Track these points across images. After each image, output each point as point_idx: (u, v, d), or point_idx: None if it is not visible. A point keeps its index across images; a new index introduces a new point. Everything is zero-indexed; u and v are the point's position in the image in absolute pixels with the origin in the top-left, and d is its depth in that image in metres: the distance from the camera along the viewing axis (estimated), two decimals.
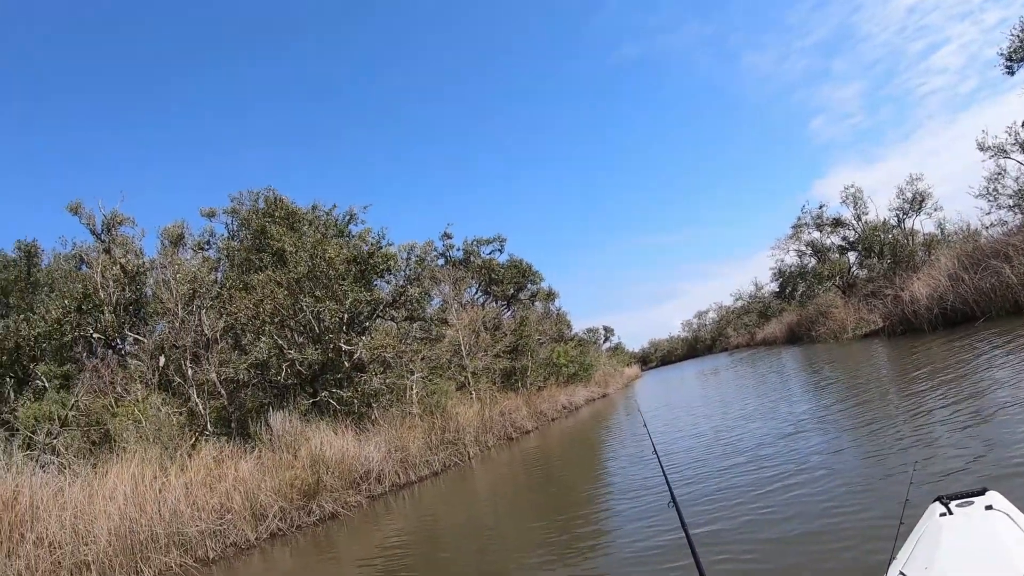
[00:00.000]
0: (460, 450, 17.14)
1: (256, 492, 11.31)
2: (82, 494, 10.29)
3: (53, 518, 9.63)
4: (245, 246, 20.43)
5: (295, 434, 13.51)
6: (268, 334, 16.31)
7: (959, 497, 3.07)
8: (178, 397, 16.82)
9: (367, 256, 17.87)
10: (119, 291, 20.14)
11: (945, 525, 2.82)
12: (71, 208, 25.00)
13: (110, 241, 23.78)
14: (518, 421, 22.56)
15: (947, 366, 12.54)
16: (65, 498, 10.16)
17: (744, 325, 72.55)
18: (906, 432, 7.98)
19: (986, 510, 2.87)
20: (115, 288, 19.91)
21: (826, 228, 39.74)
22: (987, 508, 2.88)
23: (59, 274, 23.90)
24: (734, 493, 7.50)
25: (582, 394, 33.87)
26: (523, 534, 8.70)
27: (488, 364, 26.52)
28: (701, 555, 2.52)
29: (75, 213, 25.08)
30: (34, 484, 10.23)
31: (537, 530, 8.60)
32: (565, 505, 9.88)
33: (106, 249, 22.82)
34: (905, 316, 22.29)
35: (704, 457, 10.35)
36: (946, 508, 2.98)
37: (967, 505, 2.98)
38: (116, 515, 9.79)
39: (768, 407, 14.67)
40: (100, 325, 19.36)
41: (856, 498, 6.00)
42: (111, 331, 19.52)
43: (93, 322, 18.92)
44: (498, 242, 37.99)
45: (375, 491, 13.65)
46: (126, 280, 20.64)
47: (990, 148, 24.07)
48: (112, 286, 19.84)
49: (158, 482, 10.84)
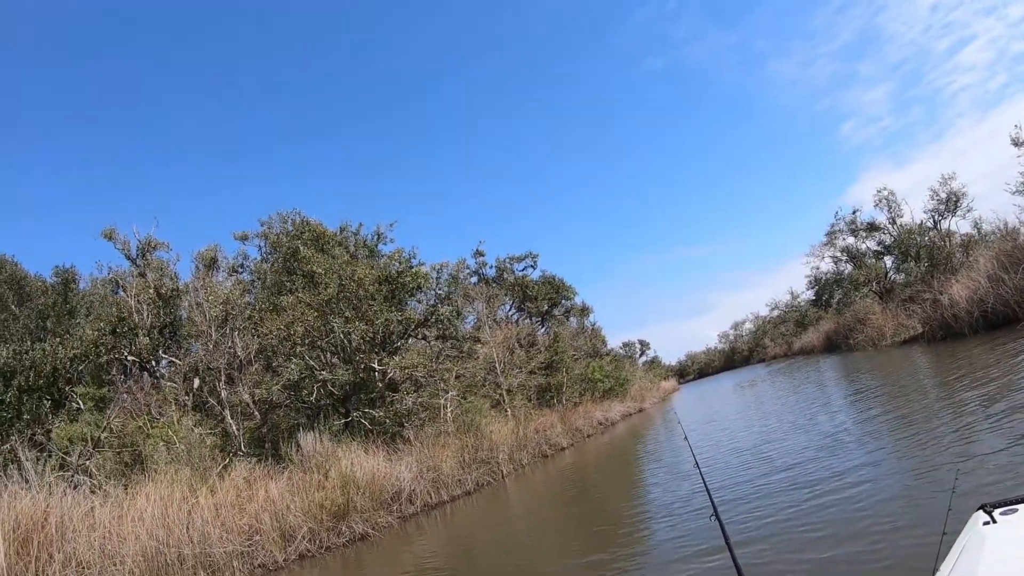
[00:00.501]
0: (493, 468, 16.88)
1: (285, 513, 11.17)
2: (111, 515, 10.27)
3: (82, 539, 9.61)
4: (275, 268, 20.55)
5: (326, 454, 13.39)
6: (299, 355, 16.29)
7: (1003, 504, 2.87)
8: (212, 418, 16.88)
9: (396, 276, 17.81)
10: (153, 314, 20.38)
11: (989, 534, 2.63)
12: (105, 234, 25.42)
13: (145, 266, 24.13)
14: (553, 438, 22.22)
15: (989, 371, 12.15)
16: (95, 519, 10.15)
17: (781, 335, 71.45)
18: (948, 441, 7.82)
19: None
20: (149, 311, 20.15)
21: (861, 233, 39.07)
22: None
23: (95, 298, 24.34)
24: (774, 508, 7.35)
25: (618, 409, 33.39)
26: (560, 552, 8.50)
27: (523, 381, 26.27)
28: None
29: (109, 239, 25.50)
30: (64, 504, 10.24)
31: (575, 548, 8.41)
32: (602, 522, 9.67)
33: (141, 273, 23.15)
34: (945, 320, 21.69)
35: (744, 472, 10.12)
36: (990, 516, 2.78)
37: (1011, 512, 2.78)
38: (144, 536, 9.73)
39: (807, 419, 14.35)
40: (135, 348, 19.57)
41: (898, 510, 5.87)
42: (146, 353, 19.72)
43: (128, 345, 19.13)
44: (531, 258, 38.00)
45: (407, 511, 13.47)
46: (160, 303, 20.89)
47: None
48: (146, 309, 20.10)
49: (188, 503, 10.77)
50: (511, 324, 32.12)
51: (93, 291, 25.58)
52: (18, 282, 23.57)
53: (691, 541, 6.98)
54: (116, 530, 9.97)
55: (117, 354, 18.84)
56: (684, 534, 7.41)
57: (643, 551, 7.38)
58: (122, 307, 19.41)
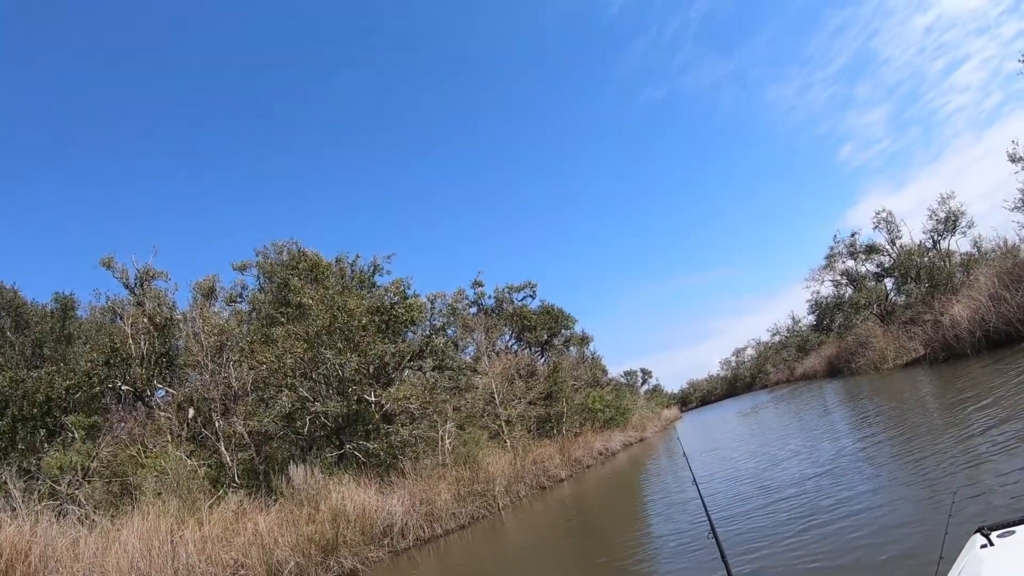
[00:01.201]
0: (489, 501, 16.59)
1: (272, 547, 10.91)
2: (97, 546, 10.08)
3: (66, 569, 9.42)
4: (269, 299, 20.51)
5: (317, 487, 13.17)
6: (290, 387, 16.14)
7: (1000, 527, 2.85)
8: (207, 449, 16.71)
9: (390, 307, 17.71)
10: (149, 344, 20.31)
11: (986, 557, 2.62)
12: (104, 263, 25.45)
13: (142, 295, 24.12)
14: (551, 469, 21.90)
15: (989, 392, 11.93)
16: (80, 549, 9.97)
17: (783, 360, 70.94)
18: (945, 464, 7.80)
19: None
20: (145, 341, 20.09)
21: (860, 256, 38.91)
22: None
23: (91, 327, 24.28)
24: (774, 536, 7.28)
25: (618, 439, 33.08)
26: None
27: (522, 412, 26.04)
28: None
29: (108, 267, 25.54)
30: (50, 534, 10.08)
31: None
32: (602, 554, 9.46)
33: (138, 302, 23.12)
34: (947, 341, 21.32)
35: (744, 500, 10.03)
36: (987, 539, 2.76)
37: (1009, 535, 2.76)
38: (127, 569, 9.52)
39: (809, 445, 14.22)
40: (129, 377, 19.47)
41: (895, 534, 5.83)
42: (140, 383, 19.61)
43: (122, 374, 19.03)
44: (529, 288, 37.96)
45: (399, 545, 13.19)
46: (156, 333, 20.83)
47: (1023, 159, 23.30)
48: (143, 339, 20.04)
49: (175, 535, 10.57)
50: (510, 354, 31.96)
51: (92, 319, 25.56)
52: (16, 309, 23.53)
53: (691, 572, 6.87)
54: (100, 562, 9.79)
55: (111, 384, 18.73)
56: (685, 566, 7.31)
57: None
58: (116, 337, 19.33)
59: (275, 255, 23.23)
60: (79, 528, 10.62)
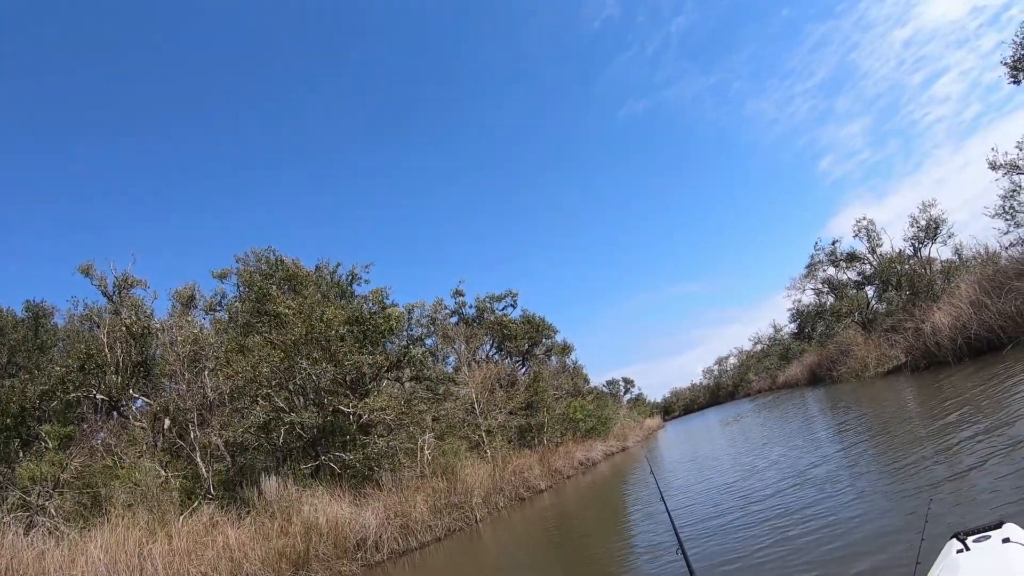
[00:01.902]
0: (467, 513, 16.40)
1: (242, 561, 10.70)
2: (63, 559, 9.87)
3: None
4: (247, 308, 20.32)
5: (290, 499, 12.95)
6: (265, 397, 15.93)
7: (976, 532, 2.98)
8: (182, 460, 16.47)
9: (368, 317, 17.57)
10: (125, 352, 20.05)
11: (962, 562, 2.73)
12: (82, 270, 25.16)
13: (120, 303, 23.85)
14: (531, 480, 21.73)
15: (970, 400, 11.87)
16: (46, 562, 9.76)
17: (765, 368, 71.10)
18: (922, 470, 7.80)
19: (1003, 543, 2.78)
20: (122, 349, 19.83)
21: (841, 264, 39.11)
22: (1004, 541, 2.79)
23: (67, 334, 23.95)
24: (751, 546, 7.29)
25: (600, 449, 32.85)
26: None
27: (503, 422, 25.91)
28: None
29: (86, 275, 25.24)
30: (17, 546, 9.86)
31: None
32: (581, 564, 9.45)
33: (116, 311, 22.85)
34: (928, 349, 21.15)
35: (723, 511, 9.97)
36: (963, 544, 2.90)
37: (984, 540, 2.89)
38: None
39: (788, 453, 14.24)
40: (104, 386, 19.19)
41: (871, 540, 5.88)
42: (115, 392, 19.34)
43: (97, 383, 18.75)
44: (511, 297, 37.85)
45: (373, 559, 12.96)
46: (132, 342, 20.58)
47: (1002, 166, 23.37)
48: (119, 347, 19.78)
49: (145, 548, 10.36)
50: (491, 364, 31.84)
51: (71, 327, 25.23)
52: None
53: None
54: (68, 574, 9.58)
55: (86, 392, 18.44)
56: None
57: None
58: (90, 344, 19.05)
59: (255, 263, 23.02)
60: (47, 541, 10.41)
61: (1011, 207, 23.28)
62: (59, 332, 24.48)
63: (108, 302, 24.44)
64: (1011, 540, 2.79)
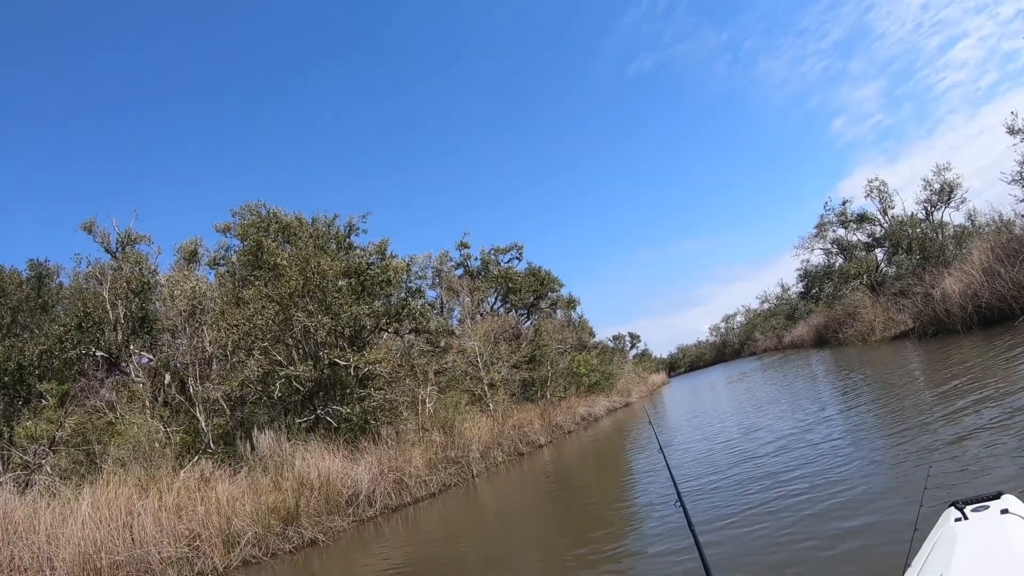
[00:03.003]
0: (463, 468, 16.32)
1: (232, 516, 10.67)
2: (56, 517, 9.91)
3: (22, 541, 9.25)
4: (241, 262, 20.16)
5: (283, 454, 12.93)
6: (261, 350, 15.84)
7: (974, 502, 2.97)
8: (183, 414, 16.53)
9: (366, 268, 17.34)
10: (126, 308, 20.02)
11: (960, 531, 2.72)
12: (85, 227, 25.12)
13: (123, 259, 23.79)
14: (530, 435, 21.62)
15: (977, 370, 11.60)
16: (40, 520, 9.80)
17: (772, 328, 70.94)
18: (923, 438, 7.78)
19: (1002, 514, 2.76)
20: (123, 305, 19.80)
21: (851, 224, 38.42)
22: (1003, 512, 2.78)
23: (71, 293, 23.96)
24: (750, 503, 7.37)
25: (603, 404, 32.84)
26: (532, 553, 8.26)
27: (506, 375, 25.89)
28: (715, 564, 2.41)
29: (89, 232, 25.17)
30: (11, 504, 9.91)
31: (547, 550, 8.20)
32: (580, 521, 9.38)
33: (118, 267, 22.81)
34: (937, 316, 20.76)
35: (722, 468, 10.01)
36: (961, 513, 2.88)
37: (982, 509, 2.88)
38: (84, 540, 9.35)
39: (793, 414, 14.12)
40: (104, 343, 19.20)
41: (870, 506, 5.88)
42: (115, 349, 19.34)
43: (95, 340, 18.74)
44: (516, 250, 37.56)
45: (367, 514, 12.90)
46: (132, 297, 20.53)
47: (1021, 131, 22.72)
48: (120, 304, 19.74)
49: (138, 505, 10.38)
50: (495, 316, 31.74)
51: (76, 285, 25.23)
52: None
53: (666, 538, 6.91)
54: (59, 532, 9.62)
55: (84, 349, 18.44)
56: (657, 532, 7.37)
57: (619, 551, 7.18)
58: (88, 302, 19.00)
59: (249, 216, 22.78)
60: (40, 499, 10.46)
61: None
62: (64, 291, 24.46)
63: (112, 259, 24.39)
64: (1009, 511, 2.77)
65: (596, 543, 7.58)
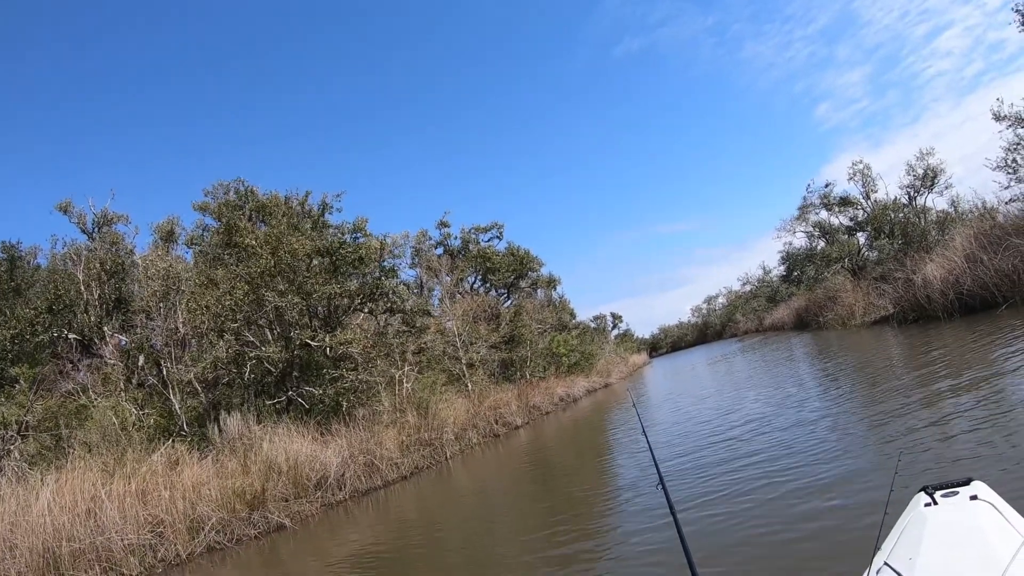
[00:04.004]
0: (437, 450, 16.23)
1: (196, 501, 10.57)
2: (21, 503, 9.81)
3: None
4: (214, 242, 19.91)
5: (252, 437, 12.83)
6: (231, 331, 15.68)
7: (944, 487, 3.04)
8: (157, 397, 16.40)
9: (338, 247, 17.15)
10: (100, 290, 19.80)
11: (930, 515, 2.80)
12: (60, 207, 24.71)
13: (100, 239, 23.47)
14: (507, 416, 21.53)
15: (956, 358, 11.56)
16: (5, 507, 9.70)
17: (753, 310, 71.36)
18: (894, 424, 7.86)
19: (970, 500, 2.84)
20: (97, 287, 19.57)
21: (834, 207, 38.42)
22: (972, 498, 2.85)
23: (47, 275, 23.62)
24: (730, 480, 7.57)
25: (582, 385, 32.81)
26: (504, 536, 8.24)
27: (484, 356, 25.86)
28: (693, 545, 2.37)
29: (65, 212, 24.77)
30: None
31: (520, 532, 8.20)
32: (553, 502, 9.40)
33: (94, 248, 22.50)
34: (917, 302, 20.49)
35: (699, 450, 10.05)
36: (931, 498, 2.96)
37: (952, 495, 2.96)
38: (45, 527, 9.26)
39: (772, 395, 14.32)
40: (76, 325, 18.98)
41: (840, 489, 5.98)
42: (88, 331, 19.14)
43: (67, 323, 18.51)
44: (496, 229, 37.31)
45: (336, 498, 12.82)
46: (106, 278, 20.29)
47: (1006, 117, 22.35)
48: (94, 285, 19.51)
49: (101, 491, 10.28)
50: (475, 295, 31.66)
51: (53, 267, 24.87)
52: None
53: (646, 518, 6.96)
54: (22, 520, 9.53)
55: (56, 332, 18.22)
56: (637, 510, 7.46)
57: (595, 530, 7.26)
58: (61, 284, 18.74)
59: (223, 195, 22.48)
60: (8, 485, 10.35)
61: (1014, 160, 22.20)
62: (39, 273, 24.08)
63: (89, 239, 24.04)
64: (978, 497, 2.83)
65: (572, 523, 7.63)
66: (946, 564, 2.37)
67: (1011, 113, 22.28)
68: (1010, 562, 2.21)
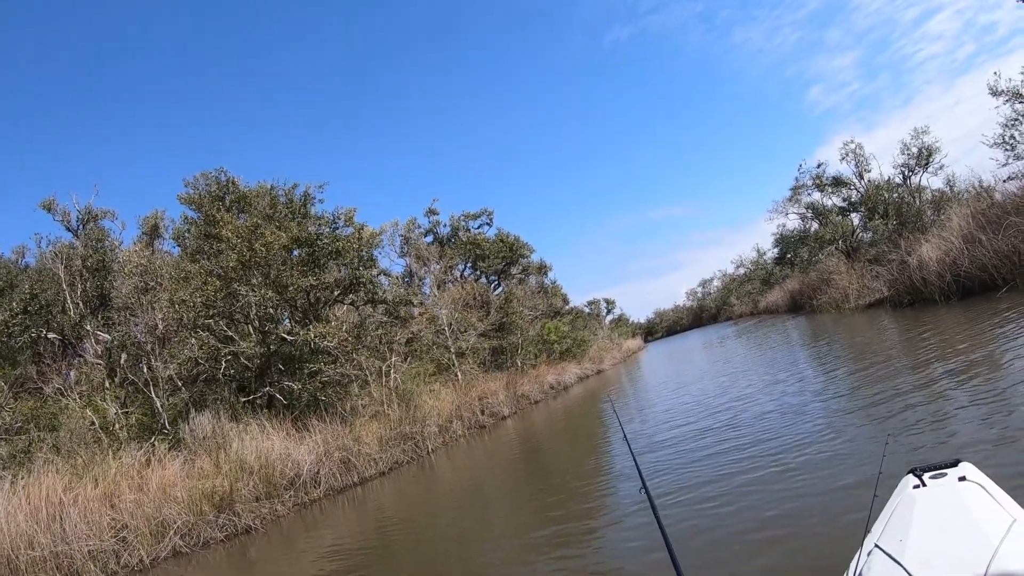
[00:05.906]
0: (418, 443, 15.92)
1: (161, 503, 10.28)
2: None
3: None
4: (194, 234, 19.56)
5: (224, 435, 12.57)
6: (205, 327, 15.38)
7: (932, 469, 3.08)
8: (139, 395, 16.19)
9: (315, 238, 16.84)
10: (81, 288, 19.56)
11: (918, 497, 2.83)
12: (44, 205, 24.33)
13: (84, 237, 23.16)
14: (493, 406, 21.21)
15: (952, 342, 11.22)
16: None
17: (747, 293, 71.19)
18: (883, 406, 7.95)
19: (959, 481, 2.87)
20: (78, 285, 19.34)
21: (826, 188, 37.97)
22: (960, 479, 2.89)
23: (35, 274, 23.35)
24: (721, 462, 7.71)
25: (573, 372, 32.42)
26: (476, 539, 8.00)
27: (474, 344, 25.63)
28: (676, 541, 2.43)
29: (49, 210, 24.41)
30: None
31: (502, 530, 8.11)
32: (537, 504, 9.09)
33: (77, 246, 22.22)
34: (913, 284, 19.89)
35: (686, 438, 10.05)
36: (919, 480, 2.99)
37: (940, 477, 2.99)
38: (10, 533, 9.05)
39: (765, 378, 14.42)
40: (56, 325, 18.73)
41: (830, 471, 6.06)
42: (68, 330, 18.90)
43: (45, 323, 18.25)
44: (486, 216, 36.89)
45: (310, 496, 12.54)
46: (88, 276, 20.05)
47: (1004, 92, 21.93)
48: (77, 283, 19.28)
49: (70, 495, 10.07)
50: (465, 283, 31.41)
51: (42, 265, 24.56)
52: None
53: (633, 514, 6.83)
54: None
55: (33, 333, 17.95)
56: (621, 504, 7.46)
57: (577, 530, 7.06)
58: (36, 284, 18.45)
59: (204, 185, 22.06)
60: None
61: (1011, 137, 21.76)
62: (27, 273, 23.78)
63: (74, 237, 23.69)
64: (966, 478, 2.86)
65: (558, 522, 7.48)
66: (936, 545, 2.40)
67: (1009, 88, 21.81)
68: (1000, 542, 2.23)
